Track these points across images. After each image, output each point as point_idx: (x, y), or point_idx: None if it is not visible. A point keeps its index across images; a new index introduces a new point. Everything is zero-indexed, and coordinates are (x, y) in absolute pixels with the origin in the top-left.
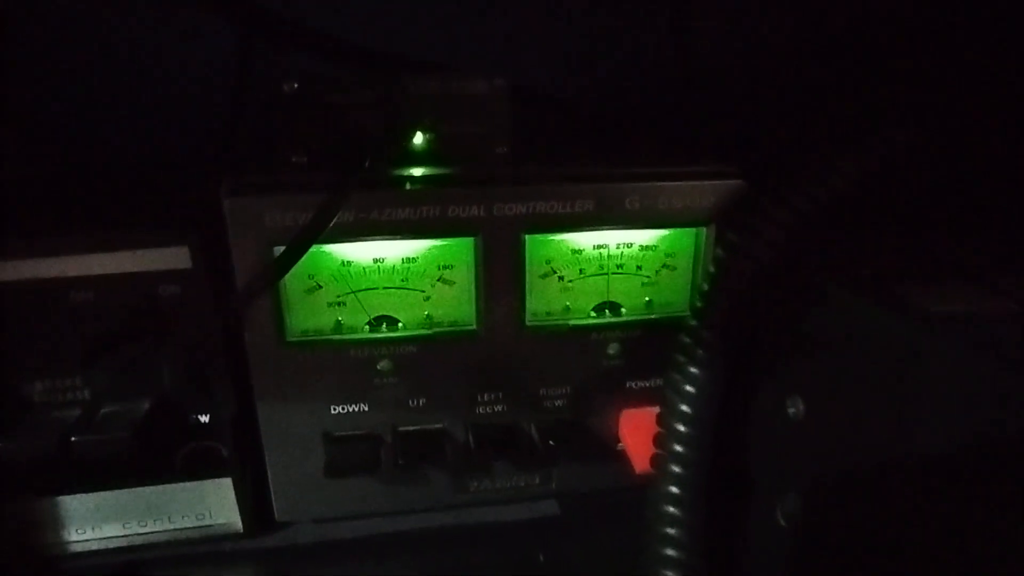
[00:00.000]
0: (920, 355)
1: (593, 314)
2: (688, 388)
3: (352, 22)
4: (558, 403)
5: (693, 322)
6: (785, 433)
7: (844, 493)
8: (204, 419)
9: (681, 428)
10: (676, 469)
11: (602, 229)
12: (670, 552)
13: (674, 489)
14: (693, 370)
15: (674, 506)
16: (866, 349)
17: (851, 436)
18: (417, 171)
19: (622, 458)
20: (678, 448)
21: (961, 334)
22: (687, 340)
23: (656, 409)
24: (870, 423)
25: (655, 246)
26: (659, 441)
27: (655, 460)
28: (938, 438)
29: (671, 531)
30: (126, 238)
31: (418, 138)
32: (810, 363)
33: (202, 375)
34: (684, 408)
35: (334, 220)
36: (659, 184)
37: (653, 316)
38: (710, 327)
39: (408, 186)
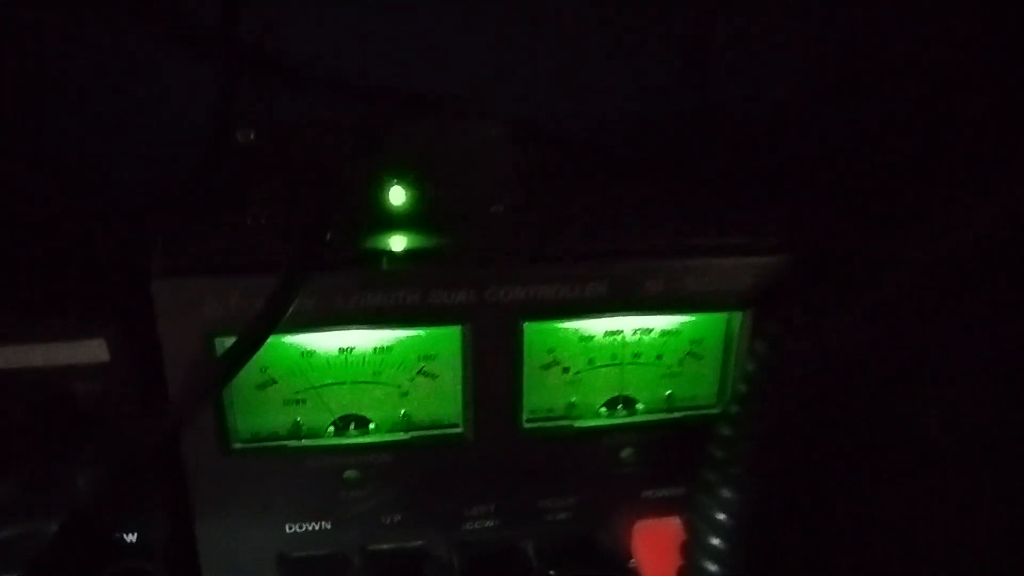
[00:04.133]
0: None
1: (603, 411)
2: (719, 516)
3: (335, 52)
4: (561, 516)
5: (726, 431)
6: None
7: None
8: (131, 538)
9: (711, 568)
10: None
11: (616, 315)
12: None
13: None
14: (726, 493)
15: None
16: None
17: None
18: (393, 240)
19: None
20: None
21: None
22: (719, 454)
23: (675, 520)
24: None
25: (678, 331)
26: None
27: None
28: None
29: None
30: (22, 328)
31: (399, 196)
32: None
33: (128, 485)
34: (713, 542)
35: (289, 310)
36: (687, 262)
37: (675, 414)
38: (750, 439)
39: (381, 265)
